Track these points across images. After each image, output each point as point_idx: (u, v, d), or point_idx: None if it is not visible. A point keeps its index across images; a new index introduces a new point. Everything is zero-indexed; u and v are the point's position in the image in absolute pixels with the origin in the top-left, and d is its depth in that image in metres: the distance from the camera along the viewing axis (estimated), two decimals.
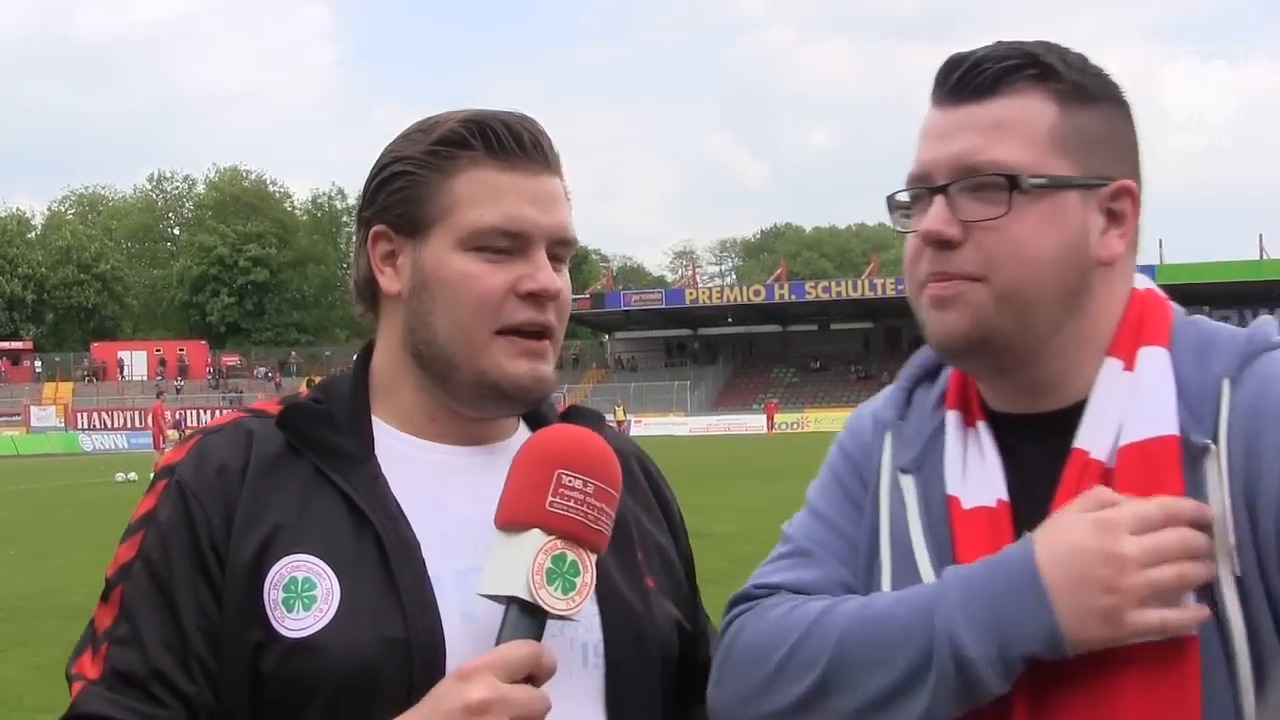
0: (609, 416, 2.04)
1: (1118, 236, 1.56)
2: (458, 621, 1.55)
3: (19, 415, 70.94)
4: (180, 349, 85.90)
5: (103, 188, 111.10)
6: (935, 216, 1.51)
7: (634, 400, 71.65)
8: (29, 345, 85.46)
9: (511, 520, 1.47)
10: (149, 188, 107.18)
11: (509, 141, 1.64)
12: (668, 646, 1.72)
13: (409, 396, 1.72)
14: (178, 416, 56.90)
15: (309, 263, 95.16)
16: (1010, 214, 1.49)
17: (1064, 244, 1.52)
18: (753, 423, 67.89)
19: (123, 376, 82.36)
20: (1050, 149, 1.52)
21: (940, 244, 1.52)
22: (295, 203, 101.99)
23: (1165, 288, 1.66)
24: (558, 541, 1.45)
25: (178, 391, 76.56)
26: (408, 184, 1.67)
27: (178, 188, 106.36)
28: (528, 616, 1.44)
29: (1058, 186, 1.51)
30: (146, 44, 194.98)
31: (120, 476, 32.08)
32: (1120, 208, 1.56)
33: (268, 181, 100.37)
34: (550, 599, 1.43)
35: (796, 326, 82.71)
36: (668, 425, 65.98)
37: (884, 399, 1.78)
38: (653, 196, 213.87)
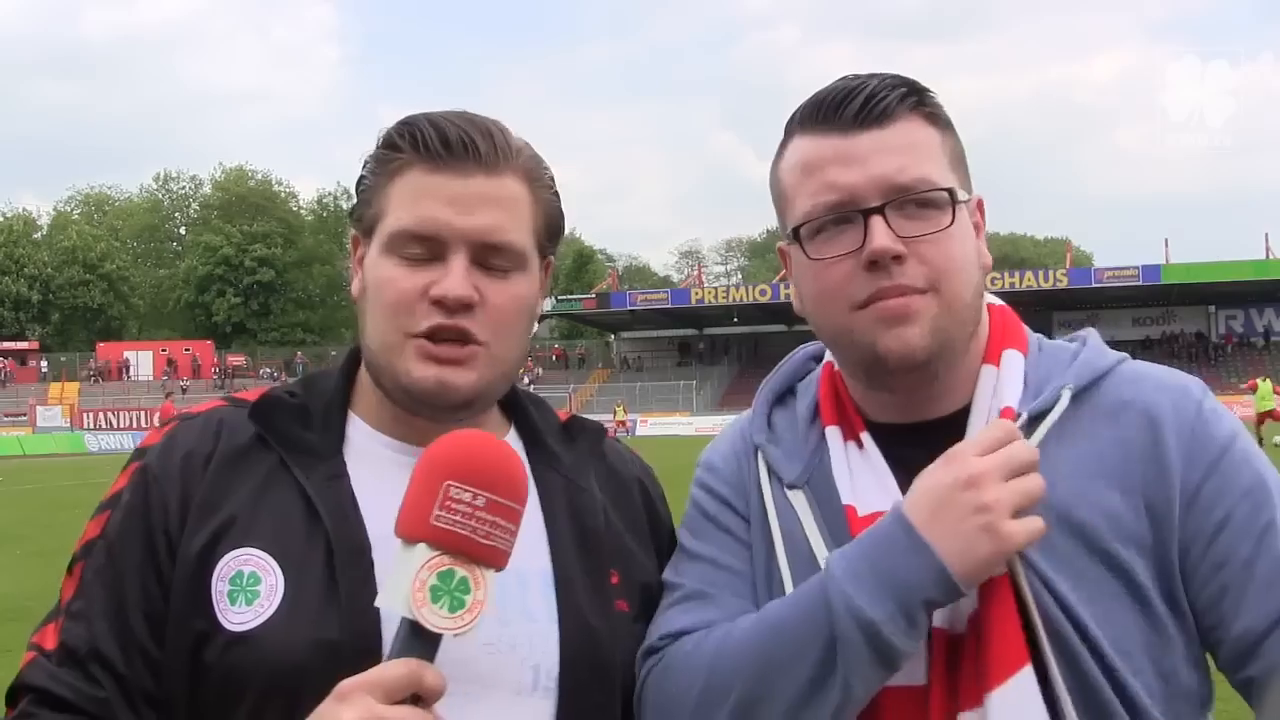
0: (609, 417, 2.04)
1: (983, 245, 1.71)
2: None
3: (25, 415, 70.86)
4: (186, 349, 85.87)
5: (109, 187, 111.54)
6: (883, 234, 1.58)
7: (639, 400, 71.51)
8: (35, 345, 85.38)
9: (403, 533, 1.41)
10: (155, 187, 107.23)
11: (434, 143, 1.61)
12: (636, 673, 1.69)
13: (374, 398, 1.73)
14: None
15: (315, 263, 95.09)
16: (951, 226, 1.60)
17: (974, 251, 1.66)
18: None
19: (128, 376, 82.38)
20: (947, 167, 1.63)
21: (890, 261, 1.58)
22: (301, 202, 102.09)
23: (1171, 287, 1.75)
24: (445, 557, 1.38)
25: (184, 392, 76.42)
26: (364, 189, 1.69)
27: (184, 187, 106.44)
28: (416, 634, 1.38)
29: (964, 201, 1.64)
30: (152, 43, 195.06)
31: None
32: (977, 220, 1.71)
33: (273, 181, 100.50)
34: (434, 617, 1.36)
35: (802, 326, 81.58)
36: (673, 425, 65.92)
37: (741, 430, 1.86)
38: (658, 196, 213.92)
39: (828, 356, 1.84)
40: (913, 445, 1.65)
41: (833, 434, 1.73)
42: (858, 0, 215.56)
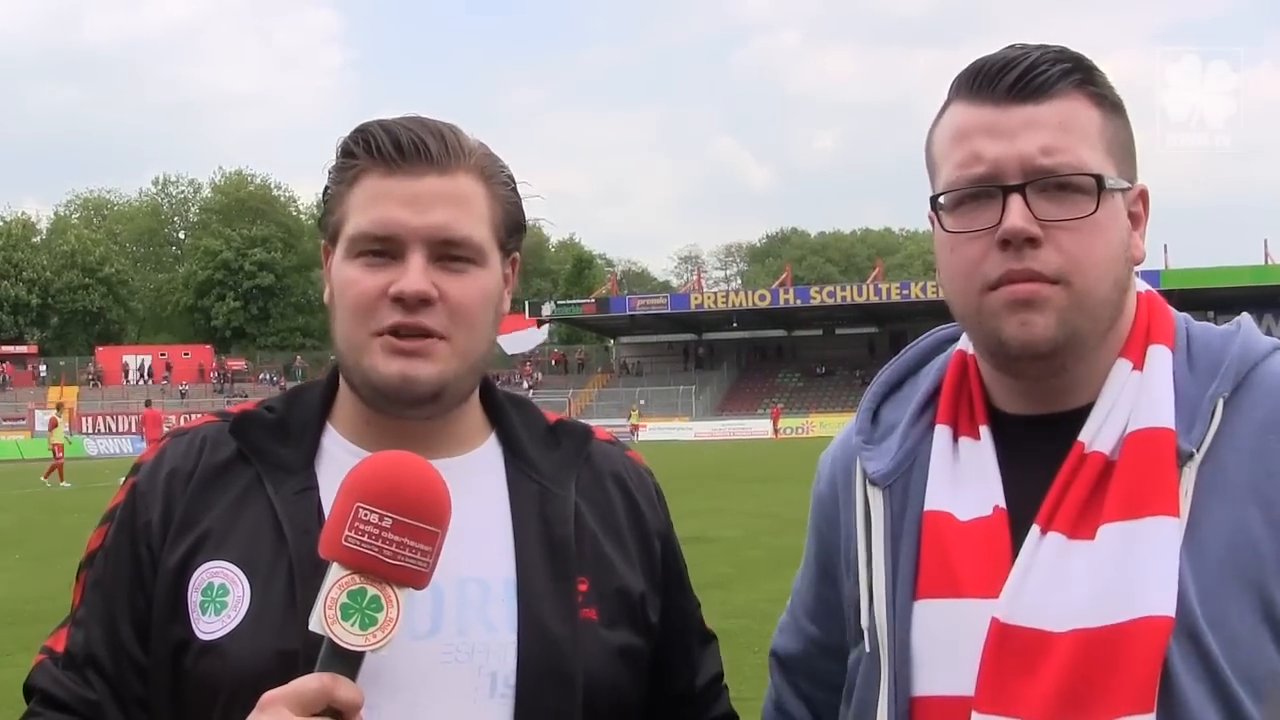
0: (624, 422, 2.02)
1: (1140, 237, 1.62)
2: None
3: (23, 419, 70.94)
4: (185, 353, 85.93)
5: (108, 191, 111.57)
6: (1019, 214, 1.50)
7: (639, 405, 71.54)
8: (34, 349, 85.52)
9: (322, 553, 1.47)
10: (154, 191, 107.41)
11: (387, 147, 1.66)
12: (601, 680, 1.70)
13: (350, 407, 1.78)
14: (181, 422, 56.63)
15: (315, 267, 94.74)
16: (1095, 214, 1.51)
17: (1121, 244, 1.57)
18: (757, 427, 67.85)
19: (127, 380, 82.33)
20: (1102, 152, 1.55)
21: (1023, 243, 1.51)
22: (300, 206, 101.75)
23: (1170, 293, 1.71)
24: (355, 577, 1.44)
25: (182, 396, 76.57)
26: (328, 199, 1.74)
27: (183, 191, 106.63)
28: (334, 650, 1.43)
29: (1119, 189, 1.56)
30: (153, 48, 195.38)
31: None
32: (1138, 210, 1.62)
33: (273, 185, 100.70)
34: (344, 634, 1.42)
35: (801, 331, 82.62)
36: (673, 430, 65.92)
37: (846, 432, 1.83)
38: (658, 201, 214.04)
39: (960, 342, 1.76)
40: (1040, 438, 1.59)
41: (941, 433, 1.66)
42: (859, 5, 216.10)
